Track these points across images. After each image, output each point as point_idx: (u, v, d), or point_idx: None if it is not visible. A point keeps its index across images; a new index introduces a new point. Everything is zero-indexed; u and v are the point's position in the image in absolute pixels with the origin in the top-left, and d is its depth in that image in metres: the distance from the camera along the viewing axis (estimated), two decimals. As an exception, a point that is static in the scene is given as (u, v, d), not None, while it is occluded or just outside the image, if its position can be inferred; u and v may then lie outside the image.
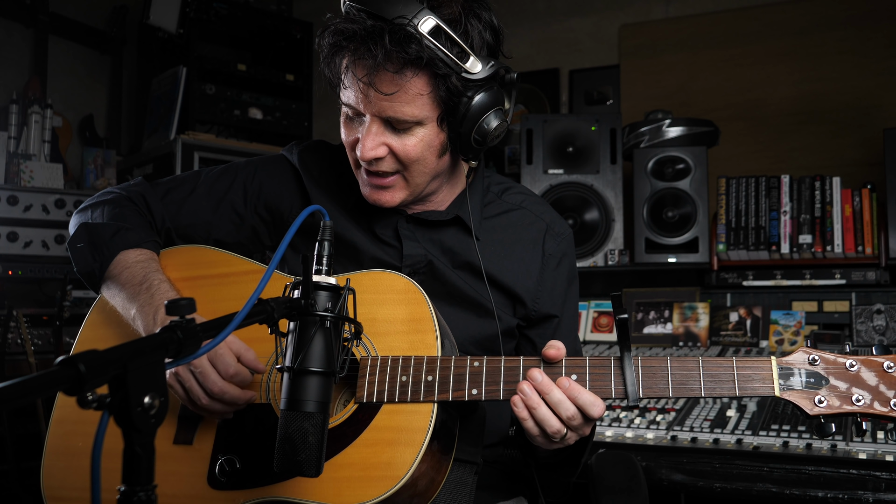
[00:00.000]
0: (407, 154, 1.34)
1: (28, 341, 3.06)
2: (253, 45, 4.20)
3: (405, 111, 1.30)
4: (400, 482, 1.17)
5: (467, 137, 1.34)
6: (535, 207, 1.58)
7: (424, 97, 1.29)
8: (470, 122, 1.32)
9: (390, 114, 1.30)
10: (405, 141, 1.33)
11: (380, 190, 1.40)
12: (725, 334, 2.84)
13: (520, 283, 1.50)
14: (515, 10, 3.97)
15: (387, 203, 1.41)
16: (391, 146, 1.34)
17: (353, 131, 1.38)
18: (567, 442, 1.22)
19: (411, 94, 1.28)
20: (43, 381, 0.70)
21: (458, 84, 1.29)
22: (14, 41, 3.84)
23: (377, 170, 1.37)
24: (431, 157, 1.37)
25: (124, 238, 1.45)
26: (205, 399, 1.27)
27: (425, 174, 1.39)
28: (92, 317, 1.52)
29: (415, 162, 1.35)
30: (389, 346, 1.28)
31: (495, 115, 1.34)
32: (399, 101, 1.29)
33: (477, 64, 1.29)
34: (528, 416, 1.18)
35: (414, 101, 1.29)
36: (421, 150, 1.34)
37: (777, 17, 3.46)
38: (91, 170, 3.88)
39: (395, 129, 1.33)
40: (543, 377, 1.19)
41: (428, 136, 1.34)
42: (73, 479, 1.39)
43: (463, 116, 1.31)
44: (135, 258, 1.43)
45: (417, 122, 1.32)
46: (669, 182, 3.00)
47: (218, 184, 1.57)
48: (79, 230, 1.50)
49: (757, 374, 1.18)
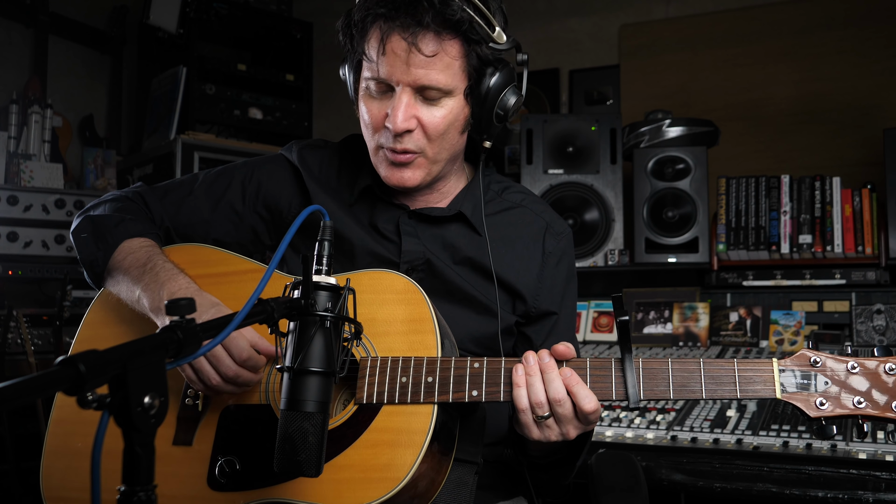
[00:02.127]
0: (436, 126, 1.36)
1: (28, 341, 3.05)
2: (253, 45, 4.20)
3: (440, 79, 1.32)
4: (400, 484, 1.16)
5: (490, 112, 1.38)
6: (534, 206, 1.58)
7: (457, 65, 1.33)
8: (494, 95, 1.37)
9: (425, 82, 1.32)
10: (434, 112, 1.36)
11: (402, 168, 1.41)
12: (725, 334, 2.84)
13: (521, 279, 1.51)
14: (515, 10, 3.93)
15: (407, 182, 1.41)
16: (420, 119, 1.36)
17: (381, 107, 1.38)
18: (548, 434, 1.22)
19: (447, 60, 1.32)
20: (43, 381, 0.70)
21: (487, 53, 1.34)
22: (14, 41, 3.84)
23: (403, 147, 1.38)
24: (455, 133, 1.40)
25: (127, 228, 1.48)
26: (216, 380, 1.27)
27: (446, 151, 1.41)
28: (90, 316, 1.52)
29: (440, 136, 1.38)
30: (389, 346, 1.28)
31: (512, 92, 1.39)
32: (436, 68, 1.32)
33: (502, 35, 1.34)
34: (522, 384, 1.20)
35: (448, 69, 1.33)
36: (448, 122, 1.37)
37: (777, 17, 3.46)
38: (91, 170, 3.88)
39: (425, 100, 1.35)
40: (551, 359, 1.21)
41: (455, 109, 1.37)
42: (73, 480, 1.39)
43: (487, 89, 1.36)
44: (139, 245, 1.45)
45: (447, 93, 1.35)
46: (669, 182, 3.00)
47: (216, 184, 1.58)
48: (83, 222, 1.53)
49: (758, 377, 1.18)
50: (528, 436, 1.23)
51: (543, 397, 1.19)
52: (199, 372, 1.28)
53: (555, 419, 1.20)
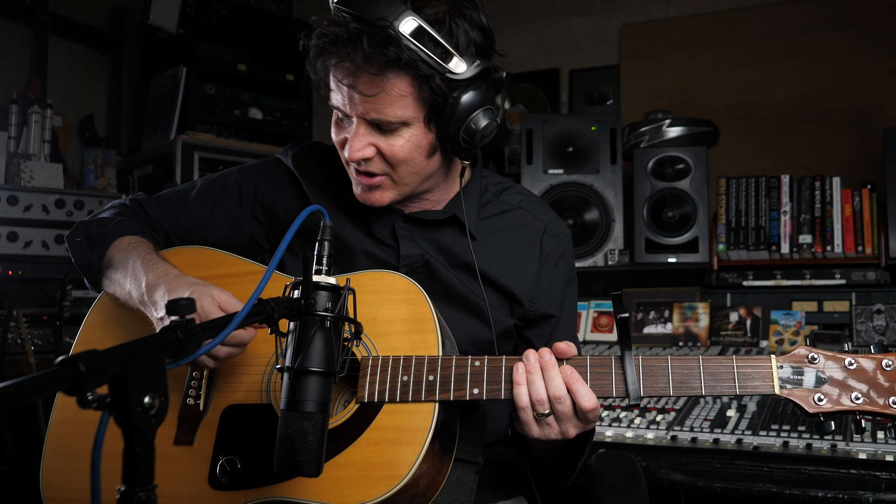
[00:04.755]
0: (394, 155, 1.34)
1: (28, 341, 3.06)
2: (253, 45, 4.20)
3: (389, 112, 1.29)
4: (401, 482, 1.17)
5: (456, 137, 1.33)
6: (532, 208, 1.57)
7: (408, 98, 1.29)
8: (457, 122, 1.31)
9: (374, 116, 1.30)
10: (392, 142, 1.33)
11: (369, 190, 1.41)
12: (725, 334, 2.84)
13: (517, 283, 1.50)
14: (515, 10, 3.97)
15: (376, 203, 1.41)
16: (379, 147, 1.34)
17: (342, 132, 1.38)
18: (548, 432, 1.22)
19: (394, 96, 1.28)
20: (43, 381, 0.70)
21: (442, 84, 1.27)
22: (14, 41, 3.84)
23: (366, 170, 1.38)
24: (420, 158, 1.36)
25: (119, 227, 1.49)
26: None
27: (414, 174, 1.39)
28: (91, 318, 1.53)
29: (402, 162, 1.35)
30: (390, 346, 1.28)
31: (484, 115, 1.32)
32: (382, 103, 1.28)
33: (461, 64, 1.27)
34: (523, 382, 1.20)
35: (397, 103, 1.29)
36: (408, 150, 1.34)
37: (777, 17, 3.46)
38: (91, 170, 3.88)
39: (382, 130, 1.33)
40: (551, 356, 1.21)
41: (415, 137, 1.33)
42: (73, 481, 1.39)
43: (450, 116, 1.30)
44: (128, 241, 1.47)
45: (403, 123, 1.31)
46: (669, 182, 3.00)
47: (212, 189, 1.59)
48: (77, 227, 1.55)
49: (757, 373, 1.18)
50: (528, 434, 1.23)
51: (544, 395, 1.19)
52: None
53: (555, 417, 1.21)
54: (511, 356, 1.25)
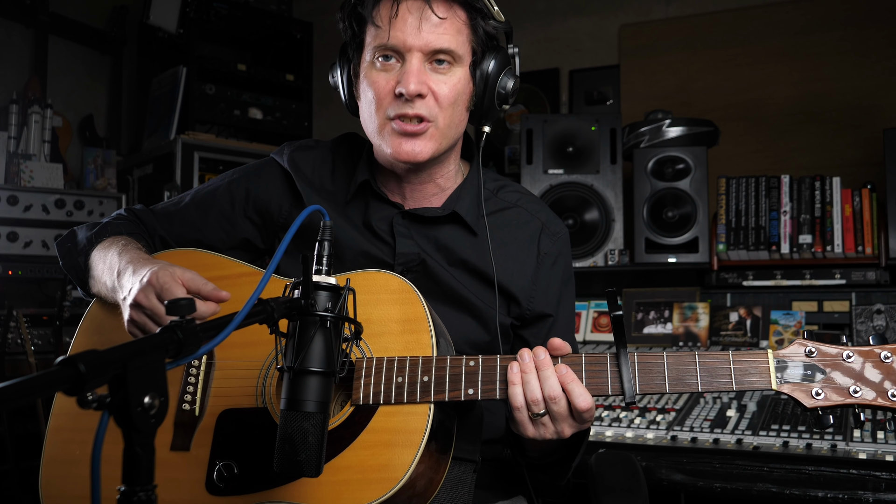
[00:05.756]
0: (446, 95, 1.38)
1: (28, 341, 3.06)
2: (253, 45, 4.20)
3: (451, 43, 1.36)
4: (398, 484, 1.16)
5: (492, 92, 1.43)
6: (530, 206, 1.57)
7: (465, 33, 1.38)
8: (494, 75, 1.42)
9: (436, 45, 1.35)
10: (444, 80, 1.38)
11: (412, 139, 1.38)
12: (725, 334, 2.84)
13: (514, 281, 1.49)
14: (515, 10, 3.97)
15: (418, 154, 1.39)
16: (431, 87, 1.37)
17: (388, 78, 1.38)
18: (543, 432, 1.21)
19: (458, 25, 1.37)
20: (43, 381, 0.70)
21: (490, 29, 1.40)
22: (14, 41, 3.84)
23: (415, 113, 1.36)
24: (462, 107, 1.42)
25: (106, 229, 1.50)
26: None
27: (455, 125, 1.42)
28: (85, 323, 1.52)
29: (450, 106, 1.39)
30: (384, 346, 1.27)
31: (510, 75, 1.44)
32: (448, 32, 1.36)
33: (500, 14, 1.41)
34: (517, 382, 1.20)
35: (458, 34, 1.37)
36: (457, 92, 1.39)
37: (777, 17, 3.46)
38: (91, 170, 3.88)
39: (434, 68, 1.37)
40: (546, 355, 1.21)
41: (462, 81, 1.40)
42: (72, 488, 1.38)
43: (488, 68, 1.42)
44: (111, 241, 1.46)
45: (456, 60, 1.38)
46: (669, 182, 3.00)
47: (204, 194, 1.59)
48: (67, 234, 1.57)
49: (753, 368, 1.17)
50: (523, 434, 1.23)
51: (539, 394, 1.19)
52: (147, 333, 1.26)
53: (550, 417, 1.20)
54: (506, 356, 1.25)
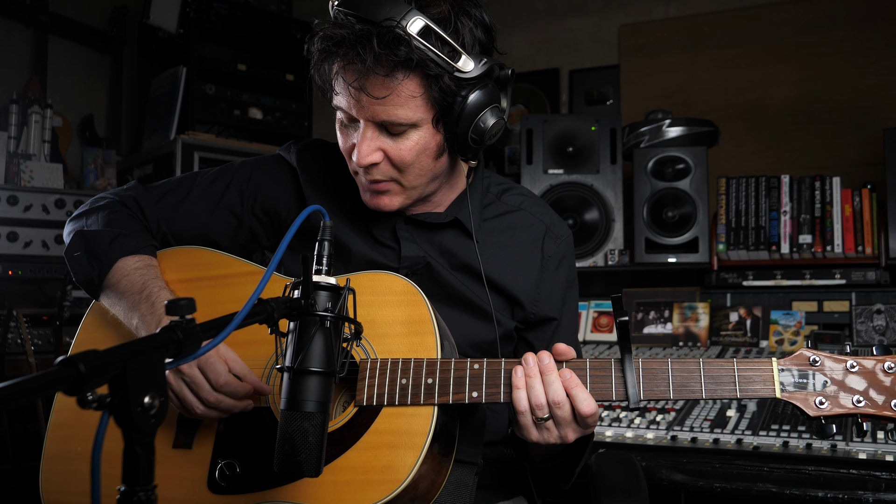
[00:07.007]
0: (402, 158, 1.32)
1: (28, 341, 3.05)
2: (253, 45, 4.19)
3: (398, 114, 1.28)
4: (401, 486, 1.16)
5: (464, 137, 1.32)
6: (534, 209, 1.56)
7: (417, 99, 1.28)
8: (466, 122, 1.30)
9: (383, 118, 1.28)
10: (400, 145, 1.31)
11: (378, 195, 1.39)
12: (725, 334, 2.84)
13: (518, 285, 1.49)
14: (515, 10, 3.97)
15: (386, 207, 1.40)
16: (386, 151, 1.32)
17: (349, 137, 1.36)
18: (547, 437, 1.21)
19: (404, 97, 1.26)
20: (43, 381, 0.70)
21: (451, 84, 1.26)
22: (14, 41, 3.84)
23: (373, 178, 1.36)
24: (427, 160, 1.35)
25: (122, 245, 1.44)
26: (200, 408, 1.27)
27: (422, 177, 1.37)
28: (88, 319, 1.52)
29: (410, 166, 1.34)
30: (389, 348, 1.27)
31: (491, 113, 1.32)
32: (392, 105, 1.27)
33: (469, 62, 1.27)
34: (522, 386, 1.20)
35: (407, 104, 1.27)
36: (416, 153, 1.32)
37: (777, 17, 3.46)
38: (91, 170, 3.88)
39: (389, 133, 1.31)
40: (550, 360, 1.21)
41: (423, 139, 1.32)
42: (73, 484, 1.38)
43: (458, 116, 1.29)
44: (133, 265, 1.42)
45: (412, 125, 1.30)
46: (669, 182, 3.00)
47: (214, 186, 1.56)
48: (74, 238, 1.48)
49: (758, 376, 1.18)
50: (526, 438, 1.23)
51: (543, 399, 1.18)
52: (182, 401, 1.28)
53: (554, 422, 1.20)
54: (510, 359, 1.24)
